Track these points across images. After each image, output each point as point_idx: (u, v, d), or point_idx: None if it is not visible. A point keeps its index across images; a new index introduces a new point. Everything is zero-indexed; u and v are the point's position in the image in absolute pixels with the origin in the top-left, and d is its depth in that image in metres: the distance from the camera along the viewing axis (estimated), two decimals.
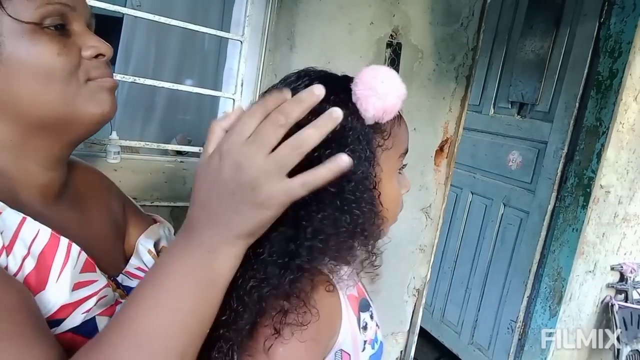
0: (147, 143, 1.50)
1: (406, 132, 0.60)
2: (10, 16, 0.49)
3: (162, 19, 1.31)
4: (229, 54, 1.60)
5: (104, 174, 0.76)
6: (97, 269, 0.54)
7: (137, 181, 1.40)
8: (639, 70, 1.65)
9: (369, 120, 0.52)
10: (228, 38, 1.49)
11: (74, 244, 0.51)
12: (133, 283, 0.62)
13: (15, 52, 0.50)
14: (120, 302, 0.56)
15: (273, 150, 0.40)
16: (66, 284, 0.48)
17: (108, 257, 0.63)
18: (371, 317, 0.61)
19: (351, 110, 0.50)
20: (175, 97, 2.37)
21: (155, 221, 0.79)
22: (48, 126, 0.53)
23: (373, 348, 0.60)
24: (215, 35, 1.46)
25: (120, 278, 0.61)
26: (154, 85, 1.41)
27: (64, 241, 0.50)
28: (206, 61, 2.43)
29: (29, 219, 0.48)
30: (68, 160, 0.61)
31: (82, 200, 0.64)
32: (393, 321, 1.73)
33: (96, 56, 0.55)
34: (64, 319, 0.48)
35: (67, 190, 0.61)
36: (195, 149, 1.69)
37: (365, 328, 0.59)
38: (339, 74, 0.57)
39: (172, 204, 1.53)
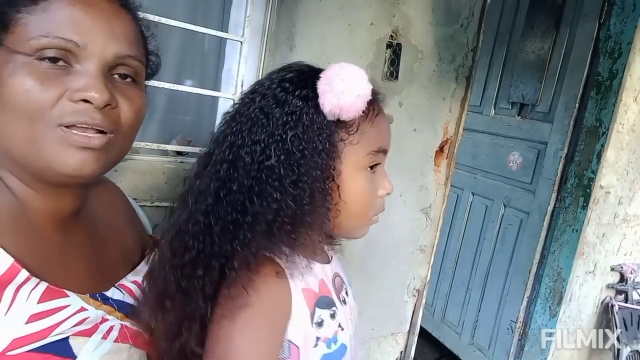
0: (147, 143, 1.50)
1: (382, 131, 0.60)
2: (5, 45, 0.47)
3: (162, 20, 1.31)
4: (228, 54, 1.60)
5: (121, 192, 0.75)
6: (69, 293, 0.51)
7: (137, 181, 1.40)
8: (638, 71, 1.65)
9: (328, 116, 0.54)
10: (228, 39, 1.49)
11: (33, 277, 0.48)
12: (125, 297, 0.60)
13: (0, 78, 0.47)
14: (106, 320, 0.55)
15: None
16: (18, 317, 0.46)
17: (112, 276, 0.62)
18: (332, 316, 0.61)
19: (312, 104, 0.54)
20: (175, 97, 2.37)
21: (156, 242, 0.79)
22: (20, 162, 0.50)
23: (329, 347, 0.60)
24: (215, 35, 1.46)
25: (110, 292, 0.59)
26: (154, 86, 1.41)
27: (23, 274, 0.47)
28: (206, 62, 2.43)
29: None
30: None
31: (95, 221, 0.63)
32: (393, 321, 1.73)
33: (81, 100, 0.48)
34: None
35: (81, 211, 0.60)
36: (195, 150, 1.69)
37: (320, 325, 0.59)
38: (324, 68, 0.58)
39: (172, 204, 1.53)
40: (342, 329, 0.62)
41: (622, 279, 1.87)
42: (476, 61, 1.60)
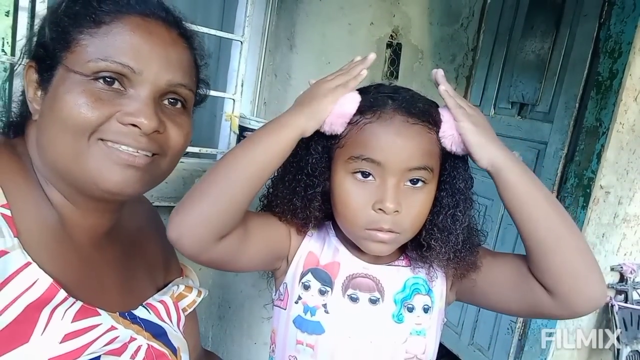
0: None
1: (370, 140, 0.60)
2: (62, 63, 0.50)
3: None
4: (226, 54, 1.60)
5: (154, 208, 0.77)
6: (100, 312, 0.52)
7: None
8: (639, 71, 1.65)
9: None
10: (228, 38, 1.49)
11: (69, 297, 0.49)
12: (151, 316, 0.61)
13: (53, 95, 0.50)
14: (134, 339, 0.55)
15: None
16: (53, 336, 0.47)
17: (140, 294, 0.63)
18: (320, 292, 0.66)
19: None
20: None
21: (183, 270, 0.79)
22: (64, 176, 0.52)
23: (304, 312, 0.65)
24: (215, 35, 1.46)
25: (138, 310, 0.60)
26: None
27: (61, 294, 0.48)
28: (206, 61, 2.44)
29: (32, 265, 0.47)
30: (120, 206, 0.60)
31: (128, 240, 0.65)
32: None
33: (130, 125, 0.51)
34: None
35: (117, 232, 0.61)
36: (195, 149, 1.69)
37: (306, 288, 0.66)
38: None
39: (172, 204, 1.53)
40: (327, 312, 0.65)
41: (622, 279, 1.87)
42: (476, 61, 1.60)
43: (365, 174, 0.60)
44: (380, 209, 0.59)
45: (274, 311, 0.73)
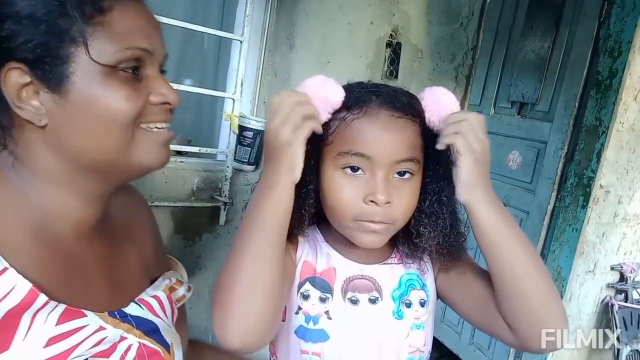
0: None
1: (359, 135, 0.61)
2: (91, 58, 0.48)
3: (162, 19, 1.31)
4: (226, 53, 1.60)
5: (145, 201, 0.75)
6: (87, 312, 0.52)
7: (137, 181, 1.40)
8: (638, 70, 1.65)
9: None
10: (228, 38, 1.49)
11: (51, 301, 0.48)
12: (143, 312, 0.60)
13: (85, 93, 0.49)
14: (125, 339, 0.55)
15: None
16: (36, 341, 0.46)
17: (131, 289, 0.62)
18: (321, 299, 0.66)
19: None
20: None
21: (171, 263, 0.79)
22: (98, 169, 0.53)
23: (307, 322, 0.65)
24: (215, 35, 1.46)
25: (129, 308, 0.59)
26: None
27: (41, 298, 0.47)
28: (206, 61, 2.44)
29: (10, 271, 0.46)
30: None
31: (117, 232, 0.64)
32: None
33: (162, 103, 0.55)
34: None
35: (104, 222, 0.60)
36: (195, 149, 1.69)
37: (305, 298, 0.66)
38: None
39: (172, 204, 1.53)
40: (330, 319, 0.65)
41: (622, 278, 1.87)
42: (476, 60, 1.60)
43: (355, 169, 0.61)
44: (371, 201, 0.60)
45: None
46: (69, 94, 0.49)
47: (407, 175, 0.63)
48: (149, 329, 0.59)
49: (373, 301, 0.67)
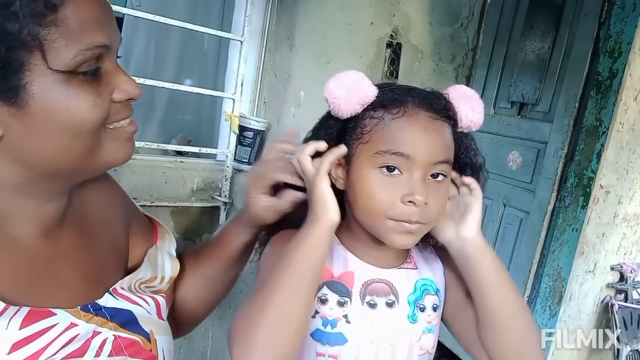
0: (147, 143, 1.50)
1: (398, 134, 0.61)
2: (49, 66, 0.44)
3: (162, 19, 1.31)
4: (226, 54, 1.61)
5: (117, 184, 0.72)
6: (55, 311, 0.49)
7: (137, 181, 1.40)
8: (638, 71, 1.65)
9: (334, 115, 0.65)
10: (228, 38, 1.49)
11: (10, 307, 0.46)
12: (119, 302, 0.58)
13: (46, 104, 0.45)
14: (99, 333, 0.53)
15: None
16: None
17: (105, 279, 0.59)
18: (339, 303, 0.66)
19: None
20: (175, 97, 2.37)
21: (153, 223, 0.77)
22: (62, 173, 0.51)
23: (324, 326, 0.65)
24: (215, 35, 1.46)
25: (103, 299, 0.57)
26: (154, 86, 1.41)
27: None
28: (206, 61, 2.44)
29: None
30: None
31: (88, 220, 0.61)
32: None
33: (125, 99, 0.52)
34: None
35: (70, 214, 0.58)
36: (195, 149, 1.69)
37: (323, 302, 0.65)
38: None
39: (172, 204, 1.53)
40: (349, 322, 0.65)
41: (622, 278, 1.87)
42: (476, 60, 1.60)
43: (391, 168, 0.61)
44: (410, 202, 0.61)
45: None
46: (26, 105, 0.44)
47: (440, 177, 0.63)
48: (125, 320, 0.57)
49: (390, 305, 0.68)
